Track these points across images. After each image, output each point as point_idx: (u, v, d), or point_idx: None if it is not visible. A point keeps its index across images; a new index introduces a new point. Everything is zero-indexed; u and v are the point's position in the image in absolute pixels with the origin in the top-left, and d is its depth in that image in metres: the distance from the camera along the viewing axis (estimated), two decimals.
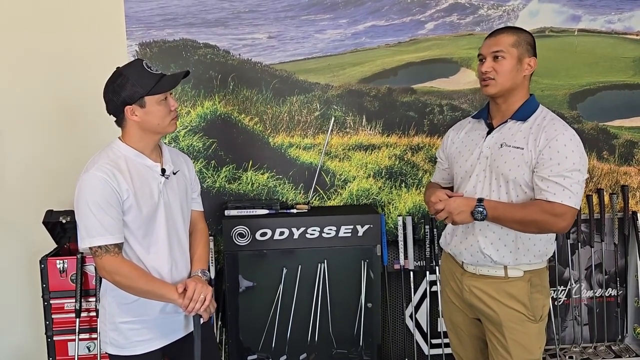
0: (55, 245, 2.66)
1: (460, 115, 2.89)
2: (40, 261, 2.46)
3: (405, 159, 2.92)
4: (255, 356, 2.78)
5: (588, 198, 3.00)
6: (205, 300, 1.74)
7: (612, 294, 3.09)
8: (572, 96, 2.94)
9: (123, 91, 1.66)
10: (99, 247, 1.64)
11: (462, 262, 1.93)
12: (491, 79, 1.82)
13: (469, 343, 2.04)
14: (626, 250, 3.06)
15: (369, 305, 2.74)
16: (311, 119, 2.84)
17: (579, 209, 1.74)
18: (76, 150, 2.72)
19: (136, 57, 2.70)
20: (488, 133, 1.89)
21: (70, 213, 2.54)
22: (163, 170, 1.77)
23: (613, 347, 3.07)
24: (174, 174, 1.82)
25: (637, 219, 3.01)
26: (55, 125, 2.72)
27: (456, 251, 1.93)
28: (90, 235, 1.63)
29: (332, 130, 2.84)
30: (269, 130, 2.83)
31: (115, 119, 1.76)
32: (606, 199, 3.02)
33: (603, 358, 2.99)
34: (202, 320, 1.82)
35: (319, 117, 2.84)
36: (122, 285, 1.67)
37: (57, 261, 2.46)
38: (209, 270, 1.90)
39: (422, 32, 2.83)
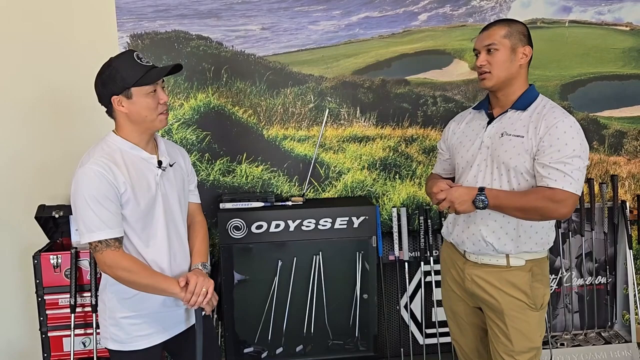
0: (48, 241, 2.62)
1: (453, 107, 2.91)
2: (34, 257, 2.42)
3: (399, 150, 2.93)
4: (251, 349, 2.78)
5: None
6: (207, 293, 1.73)
7: (602, 282, 3.14)
8: (563, 87, 2.97)
9: (111, 82, 1.65)
10: (99, 241, 1.62)
11: (464, 251, 1.94)
12: (487, 72, 1.83)
13: (469, 332, 2.06)
14: (615, 239, 3.11)
15: (365, 296, 2.75)
16: (305, 110, 2.83)
17: (580, 195, 1.76)
18: (65, 143, 2.69)
19: (127, 49, 2.66)
20: (488, 123, 1.90)
21: (63, 207, 2.51)
22: (159, 163, 1.75)
23: (603, 334, 3.12)
24: (171, 166, 1.80)
25: (626, 208, 3.06)
26: (45, 118, 2.68)
27: (458, 240, 1.94)
28: (89, 231, 1.61)
29: (326, 122, 2.83)
30: (263, 123, 2.82)
31: (106, 109, 1.73)
32: (596, 188, 3.06)
33: (593, 344, 3.04)
34: (204, 314, 1.81)
35: (313, 109, 2.84)
36: (124, 279, 1.66)
37: (51, 256, 2.42)
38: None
39: (415, 24, 2.84)
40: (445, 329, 2.92)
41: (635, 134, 3.10)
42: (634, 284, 3.05)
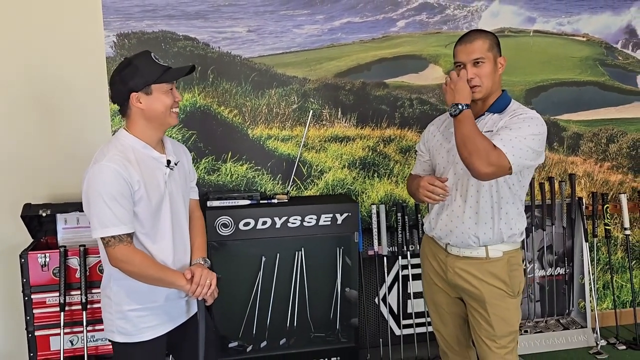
0: (30, 240, 2.60)
1: (428, 109, 3.07)
2: (21, 255, 2.40)
3: (378, 150, 3.07)
4: (235, 343, 2.85)
5: (541, 185, 3.28)
6: (210, 285, 1.81)
7: (560, 273, 3.39)
8: (527, 92, 3.20)
9: (131, 80, 1.70)
10: (113, 237, 1.66)
11: (447, 245, 2.09)
12: (477, 85, 1.96)
13: (450, 321, 2.21)
14: (573, 233, 3.37)
15: (347, 290, 2.87)
16: (289, 111, 2.92)
17: (511, 171, 1.85)
18: (48, 142, 2.67)
19: (114, 48, 2.68)
20: None
21: (50, 206, 2.50)
22: (168, 162, 1.81)
23: (561, 321, 3.38)
24: (175, 164, 1.86)
25: (582, 204, 3.32)
26: (28, 116, 2.64)
27: (442, 234, 2.08)
28: (103, 226, 1.65)
29: (309, 123, 2.93)
30: (248, 122, 2.89)
31: (119, 107, 1.77)
32: (556, 186, 3.31)
33: (553, 331, 3.29)
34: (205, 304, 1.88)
35: (297, 110, 2.93)
36: (134, 274, 1.71)
37: (39, 255, 2.41)
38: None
39: (394, 30, 2.98)
40: (421, 320, 3.10)
41: (590, 136, 3.37)
42: (589, 274, 3.32)
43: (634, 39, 3.34)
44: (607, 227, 3.37)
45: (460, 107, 1.87)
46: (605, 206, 3.35)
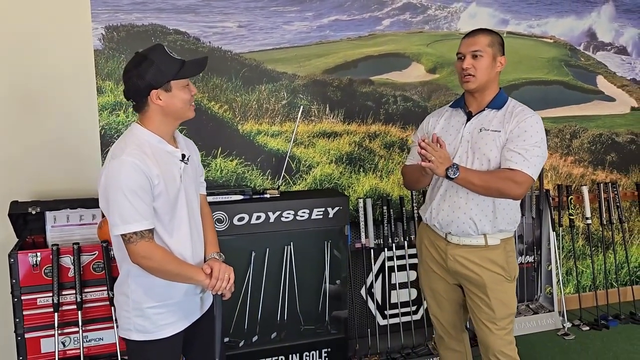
0: (15, 240, 2.49)
1: (411, 105, 3.18)
2: (9, 255, 2.30)
3: (364, 145, 3.14)
4: (227, 339, 2.84)
5: None
6: (229, 279, 1.82)
7: (530, 260, 3.60)
8: None
9: (148, 75, 1.66)
10: (134, 233, 1.63)
11: (447, 234, 2.19)
12: (471, 75, 2.09)
13: (447, 307, 2.32)
14: (541, 223, 3.59)
15: (338, 282, 2.93)
16: (279, 107, 2.94)
17: (535, 179, 2.06)
18: (30, 137, 2.57)
19: (102, 41, 2.61)
20: (467, 120, 2.17)
21: (39, 204, 2.40)
22: (183, 156, 1.80)
23: (531, 306, 3.59)
24: (188, 158, 1.86)
25: (549, 196, 3.54)
26: (12, 111, 2.53)
27: (443, 224, 2.18)
28: (125, 222, 1.62)
29: (300, 119, 2.97)
30: (238, 118, 2.89)
31: (134, 103, 1.74)
32: None
33: (524, 315, 3.49)
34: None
35: (286, 106, 2.96)
36: (154, 269, 1.69)
37: (30, 255, 2.31)
38: None
39: (379, 28, 3.07)
40: (406, 309, 3.21)
41: (556, 132, 3.59)
42: (556, 262, 3.55)
43: (594, 42, 3.60)
44: (571, 217, 3.61)
45: (453, 168, 1.96)
46: (570, 197, 3.58)
